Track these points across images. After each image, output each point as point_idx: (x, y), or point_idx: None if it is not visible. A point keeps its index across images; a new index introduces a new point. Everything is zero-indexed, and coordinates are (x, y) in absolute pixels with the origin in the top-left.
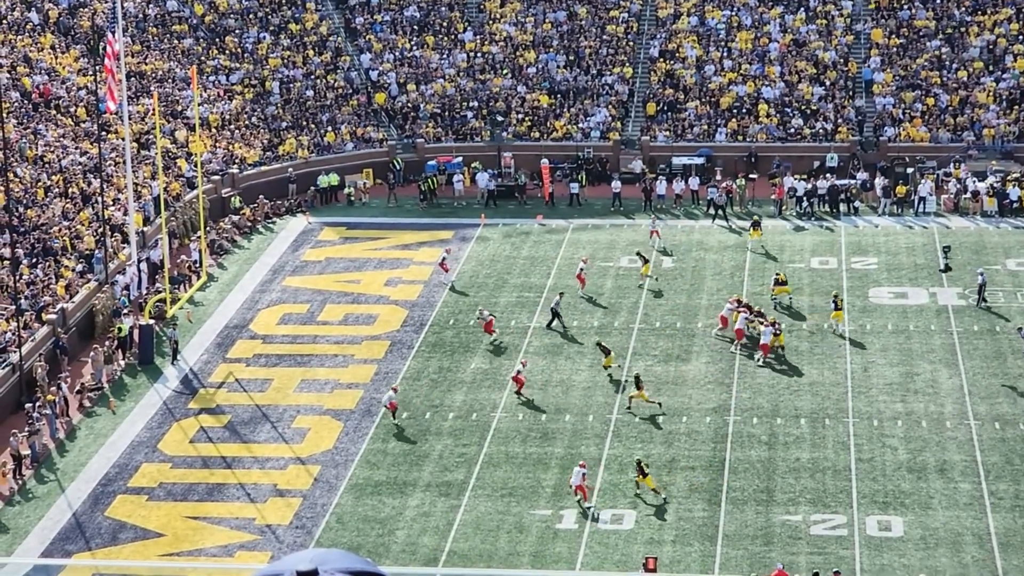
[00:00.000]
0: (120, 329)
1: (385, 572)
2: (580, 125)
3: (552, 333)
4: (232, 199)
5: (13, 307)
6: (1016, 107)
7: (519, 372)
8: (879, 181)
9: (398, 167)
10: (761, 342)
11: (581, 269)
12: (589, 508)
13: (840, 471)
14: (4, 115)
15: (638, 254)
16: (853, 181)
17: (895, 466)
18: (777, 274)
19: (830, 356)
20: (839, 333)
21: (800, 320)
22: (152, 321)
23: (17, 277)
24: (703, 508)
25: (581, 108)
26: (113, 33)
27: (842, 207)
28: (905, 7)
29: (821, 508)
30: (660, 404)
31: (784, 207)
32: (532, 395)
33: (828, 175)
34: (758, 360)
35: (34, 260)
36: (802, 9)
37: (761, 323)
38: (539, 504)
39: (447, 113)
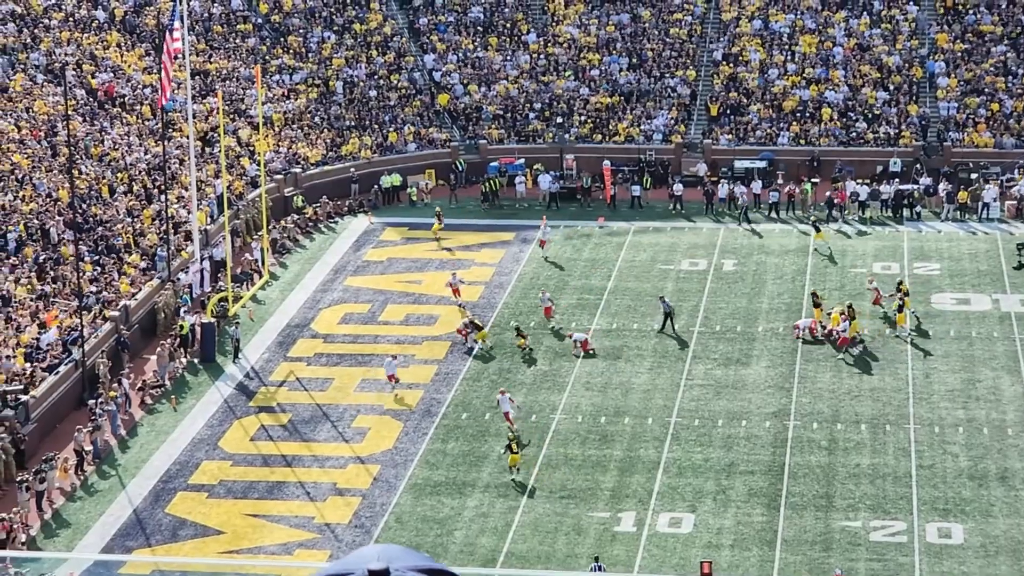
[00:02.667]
0: (182, 327)
1: (453, 571)
2: (642, 127)
3: (611, 335)
4: (295, 198)
5: (76, 304)
6: None
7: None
8: (943, 186)
9: (461, 168)
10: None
11: (541, 301)
12: (516, 435)
13: (900, 477)
14: (70, 112)
15: (437, 211)
16: (916, 186)
17: (956, 473)
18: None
19: (891, 362)
20: (902, 336)
21: (863, 324)
22: (214, 319)
23: (80, 274)
24: (762, 513)
25: (643, 111)
26: (172, 31)
27: (905, 212)
28: (971, 11)
29: (881, 514)
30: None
31: (846, 211)
32: (592, 397)
33: (892, 180)
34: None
35: (97, 257)
36: (866, 13)
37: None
38: (597, 506)
39: (510, 114)
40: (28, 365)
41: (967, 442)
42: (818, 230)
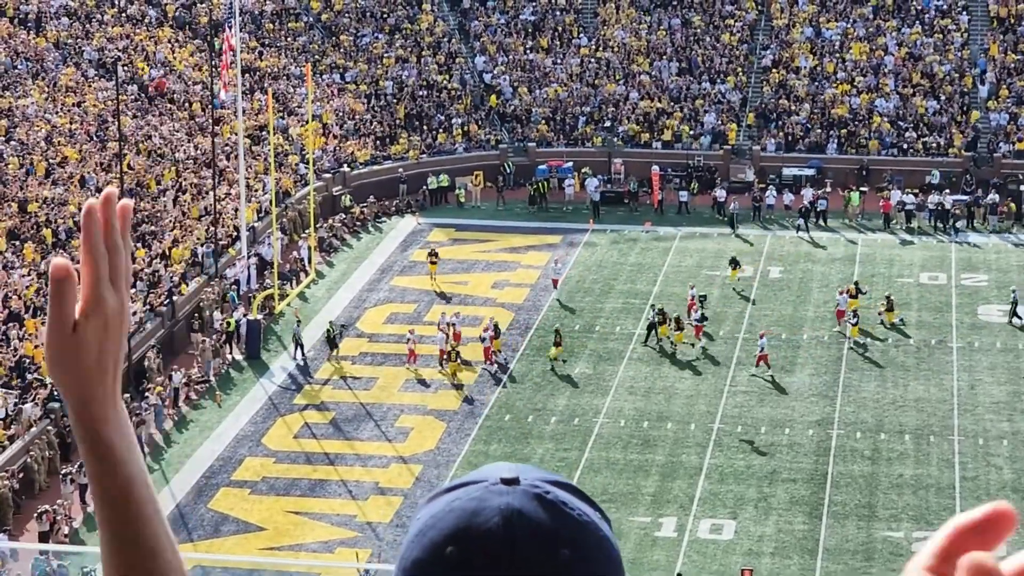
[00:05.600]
0: (229, 323)
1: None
2: (690, 133)
3: (660, 340)
4: (343, 197)
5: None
6: None
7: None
8: (991, 198)
9: (509, 170)
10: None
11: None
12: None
13: (944, 489)
14: (120, 107)
15: (432, 251)
16: (966, 197)
17: (999, 485)
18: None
19: (936, 372)
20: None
21: (906, 336)
22: (260, 316)
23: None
24: (804, 521)
25: (692, 116)
26: (230, 28)
27: (957, 223)
28: (1023, 24)
29: (924, 525)
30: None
31: (893, 221)
32: (635, 401)
33: (941, 191)
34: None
35: (146, 250)
36: (918, 22)
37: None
38: (638, 511)
39: (559, 117)
40: None
41: (1011, 455)
42: (735, 267)
